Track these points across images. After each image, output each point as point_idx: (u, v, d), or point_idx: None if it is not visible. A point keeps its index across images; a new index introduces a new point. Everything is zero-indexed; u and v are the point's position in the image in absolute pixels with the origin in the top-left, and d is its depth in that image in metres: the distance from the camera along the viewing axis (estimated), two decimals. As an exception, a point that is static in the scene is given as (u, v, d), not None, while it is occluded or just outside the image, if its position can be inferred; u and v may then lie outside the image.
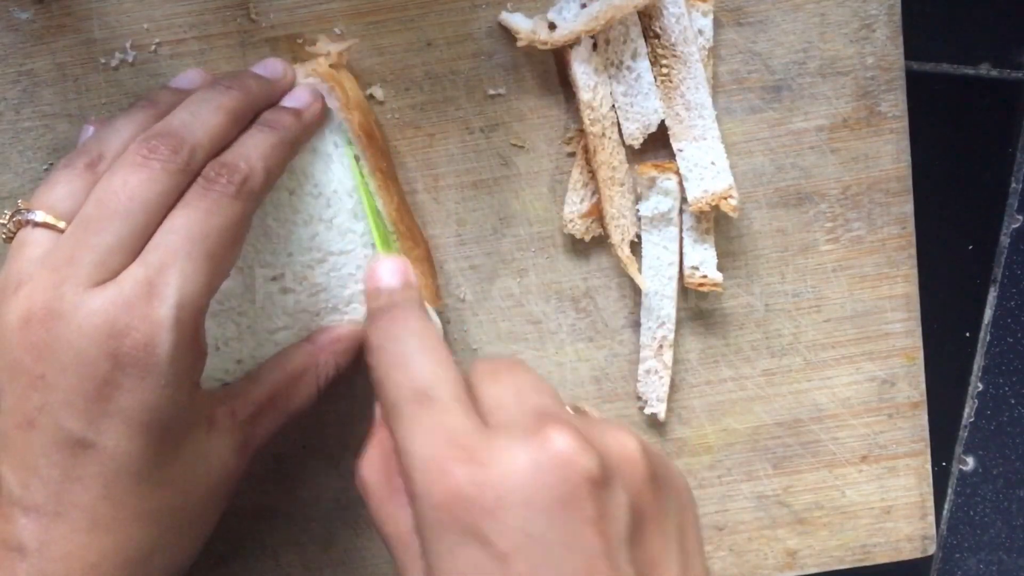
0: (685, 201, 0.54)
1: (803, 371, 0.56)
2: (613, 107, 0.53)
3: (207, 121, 0.45)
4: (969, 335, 0.67)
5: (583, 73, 0.52)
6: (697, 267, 0.54)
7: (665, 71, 0.53)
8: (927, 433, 0.57)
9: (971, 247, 0.66)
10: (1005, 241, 0.66)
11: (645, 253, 0.55)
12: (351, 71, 0.52)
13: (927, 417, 0.57)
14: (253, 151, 0.45)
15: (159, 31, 0.53)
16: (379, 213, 0.51)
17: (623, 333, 0.56)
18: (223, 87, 0.47)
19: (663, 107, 0.53)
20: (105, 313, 0.41)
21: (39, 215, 0.44)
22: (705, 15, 0.52)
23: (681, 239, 0.55)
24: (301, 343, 0.51)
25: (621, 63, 0.53)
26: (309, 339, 0.51)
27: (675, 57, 0.52)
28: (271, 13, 0.53)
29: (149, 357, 0.41)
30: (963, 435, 0.68)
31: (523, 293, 0.56)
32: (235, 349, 0.50)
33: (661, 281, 0.55)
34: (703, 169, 0.53)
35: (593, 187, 0.54)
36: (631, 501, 0.37)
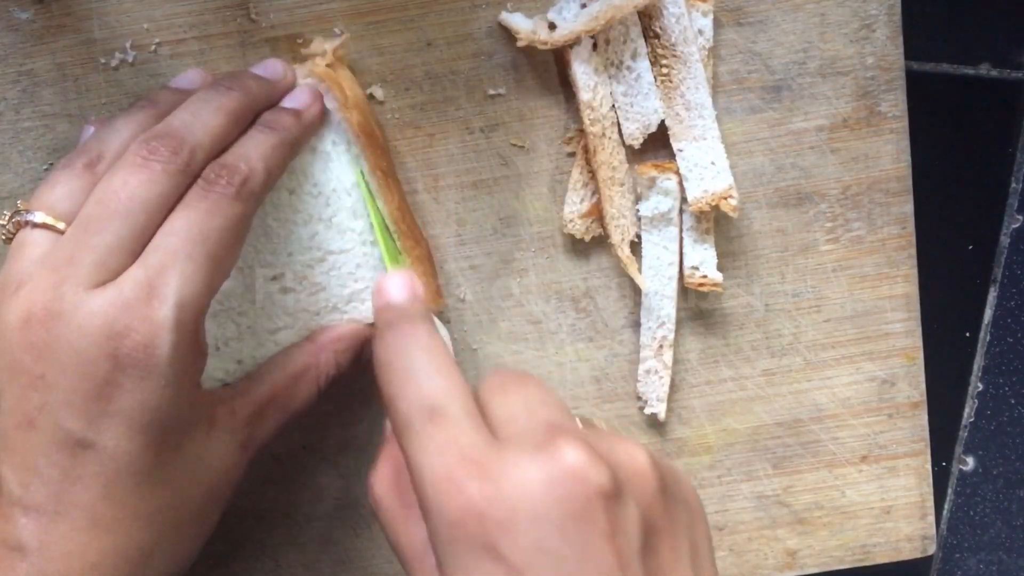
0: (685, 201, 0.54)
1: (803, 371, 0.56)
2: (613, 107, 0.53)
3: (207, 122, 0.45)
4: (969, 335, 0.67)
5: (583, 73, 0.52)
6: (697, 267, 0.54)
7: (665, 71, 0.53)
8: (927, 433, 0.57)
9: (971, 247, 0.66)
10: (1005, 241, 0.66)
11: (645, 253, 0.55)
12: (351, 70, 0.52)
13: (927, 417, 0.57)
14: (253, 152, 0.45)
15: (159, 31, 0.53)
16: (387, 228, 0.51)
17: (623, 333, 0.56)
18: (223, 88, 0.47)
19: (663, 107, 0.53)
20: (105, 314, 0.41)
21: (38, 216, 0.44)
22: (705, 15, 0.52)
23: (681, 239, 0.55)
24: (302, 342, 0.51)
25: (621, 63, 0.53)
26: (310, 338, 0.51)
27: (675, 57, 0.52)
28: (271, 13, 0.53)
29: (149, 358, 0.41)
30: (963, 435, 0.68)
31: (523, 293, 0.56)
32: (235, 349, 0.50)
33: (661, 281, 0.55)
34: (703, 169, 0.53)
35: (593, 187, 0.54)
36: (643, 514, 0.37)
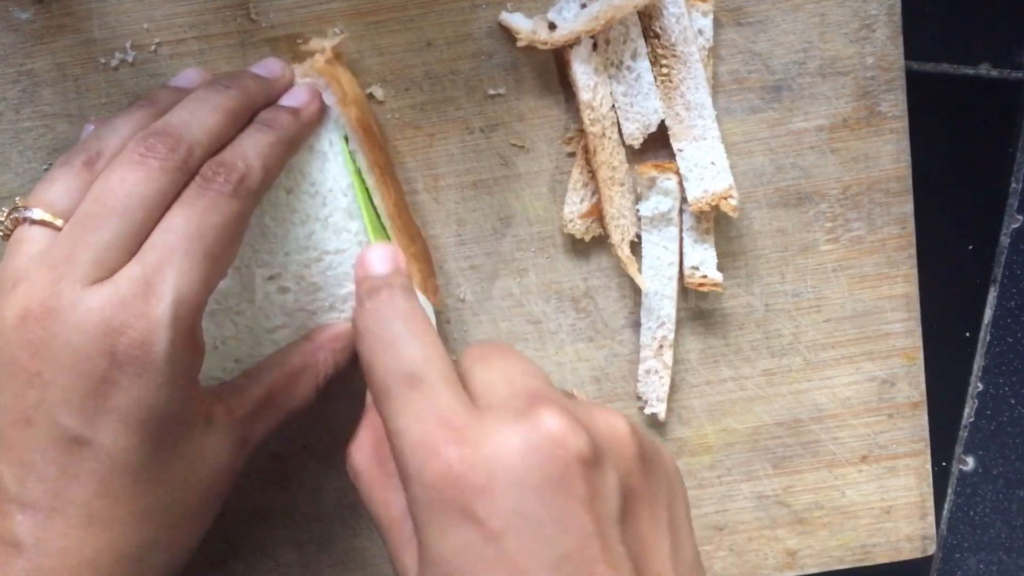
0: (685, 201, 0.54)
1: (803, 371, 0.56)
2: (613, 107, 0.53)
3: (205, 120, 0.45)
4: (969, 335, 0.67)
5: (583, 73, 0.52)
6: (697, 267, 0.54)
7: (665, 71, 0.53)
8: (927, 433, 0.57)
9: (971, 247, 0.66)
10: (1005, 241, 0.66)
11: (645, 253, 0.55)
12: (350, 69, 0.52)
13: (927, 417, 0.57)
14: (251, 150, 0.45)
15: (159, 31, 0.53)
16: (372, 204, 0.51)
17: (623, 333, 0.56)
18: (222, 87, 0.47)
19: (663, 107, 0.53)
20: (102, 311, 0.41)
21: (36, 213, 0.44)
22: (705, 15, 0.52)
23: (681, 239, 0.55)
24: (299, 341, 0.51)
25: (621, 63, 0.53)
26: (307, 337, 0.51)
27: (675, 57, 0.52)
28: (271, 13, 0.53)
29: (146, 355, 0.41)
30: (963, 435, 0.67)
31: (523, 293, 0.56)
32: (233, 348, 0.50)
33: (661, 281, 0.55)
34: (703, 169, 0.53)
35: (593, 187, 0.54)
36: (621, 481, 0.38)
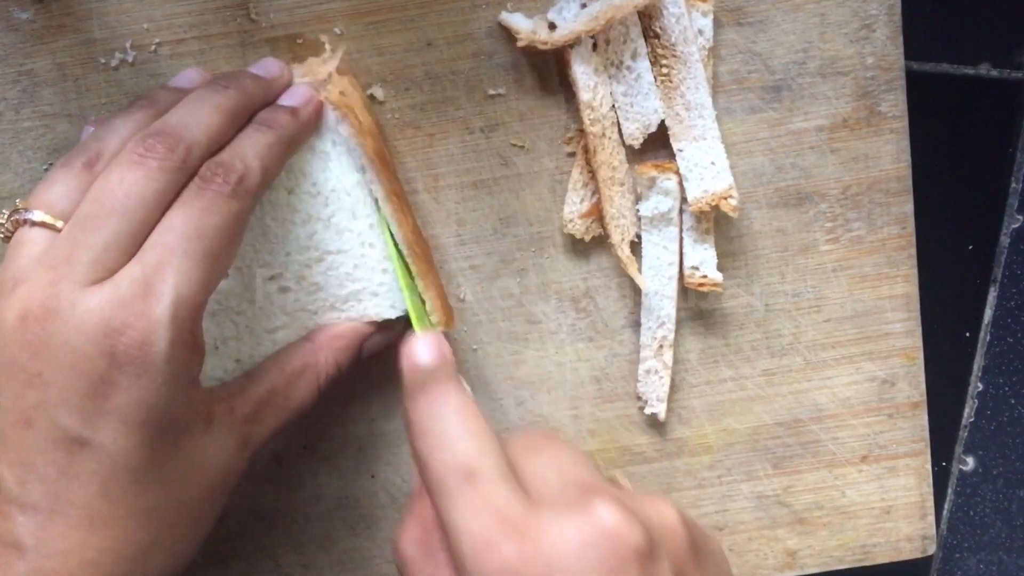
0: (685, 201, 0.54)
1: (803, 371, 0.56)
2: (613, 107, 0.53)
3: (204, 120, 0.45)
4: (969, 335, 0.67)
5: (583, 73, 0.52)
6: (697, 267, 0.54)
7: (665, 71, 0.53)
8: (927, 433, 0.57)
9: (971, 247, 0.66)
10: (1005, 241, 0.66)
11: (645, 253, 0.55)
12: (354, 77, 0.52)
13: (927, 417, 0.57)
14: (249, 150, 0.45)
15: (159, 31, 0.53)
16: (416, 289, 0.51)
17: (623, 333, 0.56)
18: (220, 87, 0.47)
19: (663, 107, 0.53)
20: (101, 311, 0.41)
21: (37, 214, 0.44)
22: (705, 15, 0.52)
23: (681, 239, 0.55)
24: (300, 341, 0.51)
25: (621, 63, 0.53)
26: (308, 337, 0.51)
27: (675, 57, 0.52)
28: (271, 13, 0.53)
29: (146, 355, 0.41)
30: (963, 435, 0.67)
31: (523, 293, 0.56)
32: (233, 348, 0.50)
33: (661, 281, 0.54)
34: (703, 169, 0.53)
35: (593, 187, 0.54)
36: (675, 570, 0.38)
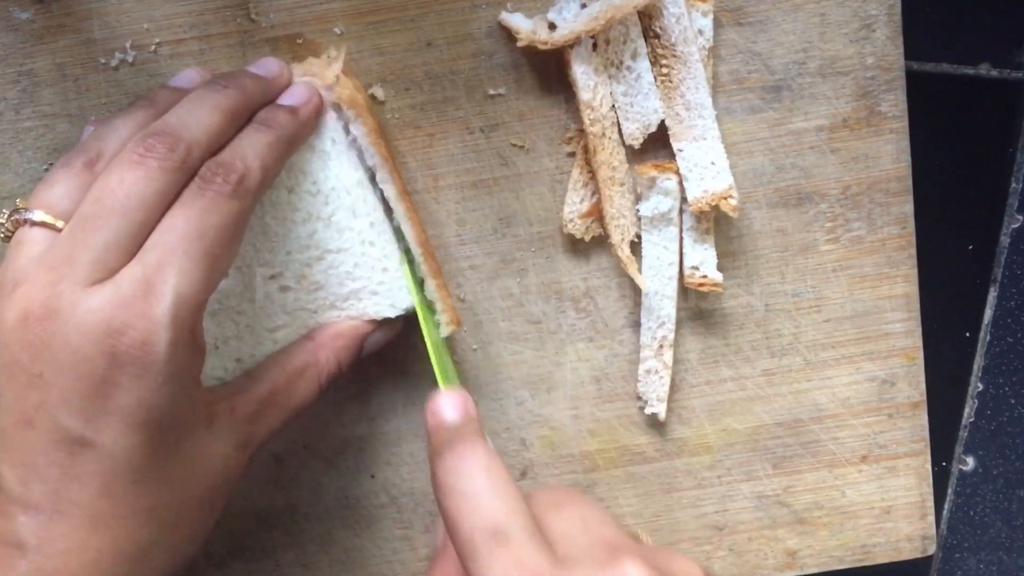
0: (685, 201, 0.54)
1: (803, 371, 0.56)
2: (613, 107, 0.53)
3: (203, 120, 0.45)
4: (969, 335, 0.67)
5: (583, 73, 0.52)
6: (697, 267, 0.54)
7: (665, 71, 0.53)
8: (927, 433, 0.57)
9: (971, 247, 0.66)
10: (1005, 241, 0.66)
11: (645, 253, 0.55)
12: (355, 78, 0.52)
13: (927, 417, 0.57)
14: (249, 150, 0.45)
15: (159, 31, 0.53)
16: (442, 346, 0.51)
17: (623, 333, 0.56)
18: (220, 86, 0.47)
19: (663, 107, 0.53)
20: (102, 311, 0.41)
21: (37, 214, 0.44)
22: (705, 15, 0.52)
23: (681, 239, 0.55)
24: (302, 340, 0.51)
25: (621, 63, 0.53)
26: (309, 336, 0.51)
27: (675, 57, 0.52)
28: (271, 13, 0.53)
29: (147, 355, 0.41)
30: (963, 435, 0.67)
31: (523, 293, 0.56)
32: (234, 348, 0.50)
33: (661, 281, 0.55)
34: (703, 169, 0.53)
35: (593, 187, 0.54)
36: None
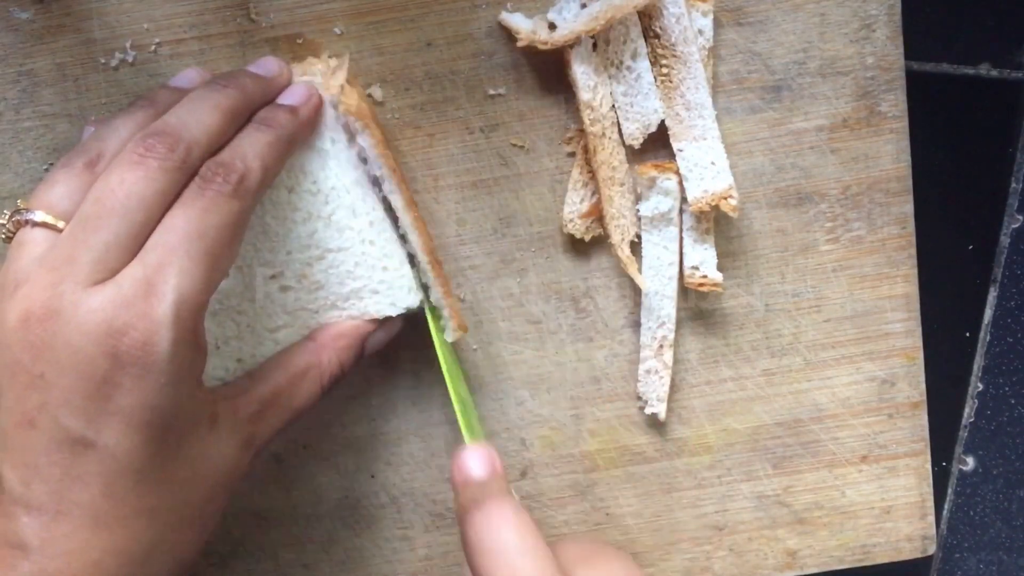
0: (685, 201, 0.54)
1: (803, 371, 0.56)
2: (613, 107, 0.53)
3: (203, 119, 0.45)
4: (969, 335, 0.67)
5: (583, 73, 0.52)
6: (697, 267, 0.54)
7: (665, 71, 0.53)
8: (927, 433, 0.57)
9: (971, 247, 0.66)
10: (1005, 241, 0.66)
11: (645, 253, 0.55)
12: (355, 80, 0.52)
13: (927, 417, 0.57)
14: (249, 150, 0.45)
15: (159, 31, 0.53)
16: (468, 400, 0.51)
17: (623, 333, 0.56)
18: (219, 86, 0.47)
19: (663, 107, 0.53)
20: (104, 312, 0.41)
21: (38, 215, 0.44)
22: (705, 15, 0.52)
23: (681, 239, 0.55)
24: (304, 341, 0.51)
25: (621, 63, 0.53)
26: (311, 337, 0.51)
27: (675, 57, 0.52)
28: (271, 13, 0.53)
29: (148, 356, 0.41)
30: (963, 435, 0.68)
31: (523, 293, 0.56)
32: (235, 348, 0.50)
33: (661, 281, 0.55)
34: (703, 169, 0.53)
35: (593, 187, 0.54)
36: None
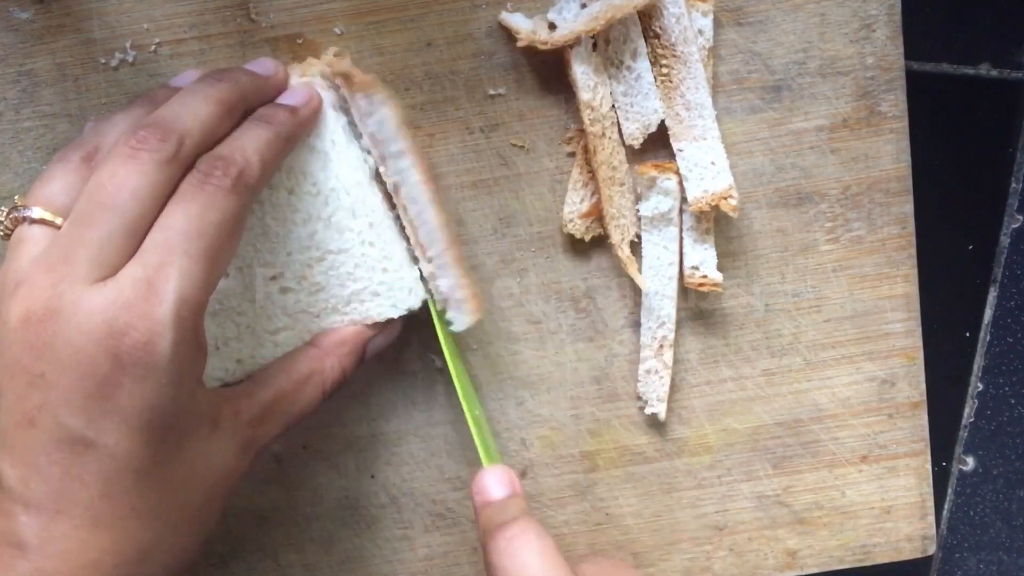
0: (685, 201, 0.54)
1: (803, 371, 0.56)
2: (613, 107, 0.53)
3: (196, 110, 0.44)
4: (969, 335, 0.67)
5: (583, 73, 0.52)
6: (697, 267, 0.54)
7: (665, 71, 0.53)
8: (927, 433, 0.57)
9: (971, 247, 0.66)
10: (1005, 241, 0.66)
11: (645, 253, 0.55)
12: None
13: (927, 417, 0.57)
14: (248, 145, 0.45)
15: (159, 31, 0.53)
16: (483, 425, 0.51)
17: (623, 333, 0.56)
18: (212, 79, 0.46)
19: (663, 107, 0.53)
20: (104, 312, 0.41)
21: (36, 211, 0.44)
22: (705, 15, 0.52)
23: (681, 239, 0.55)
24: (306, 347, 0.50)
25: (621, 63, 0.53)
26: (314, 342, 0.51)
27: (675, 57, 0.52)
28: (271, 13, 0.53)
29: (149, 356, 0.41)
30: (963, 435, 0.68)
31: (523, 293, 0.56)
32: (235, 349, 0.50)
33: (661, 281, 0.55)
34: (703, 169, 0.53)
35: (593, 187, 0.54)
36: None
